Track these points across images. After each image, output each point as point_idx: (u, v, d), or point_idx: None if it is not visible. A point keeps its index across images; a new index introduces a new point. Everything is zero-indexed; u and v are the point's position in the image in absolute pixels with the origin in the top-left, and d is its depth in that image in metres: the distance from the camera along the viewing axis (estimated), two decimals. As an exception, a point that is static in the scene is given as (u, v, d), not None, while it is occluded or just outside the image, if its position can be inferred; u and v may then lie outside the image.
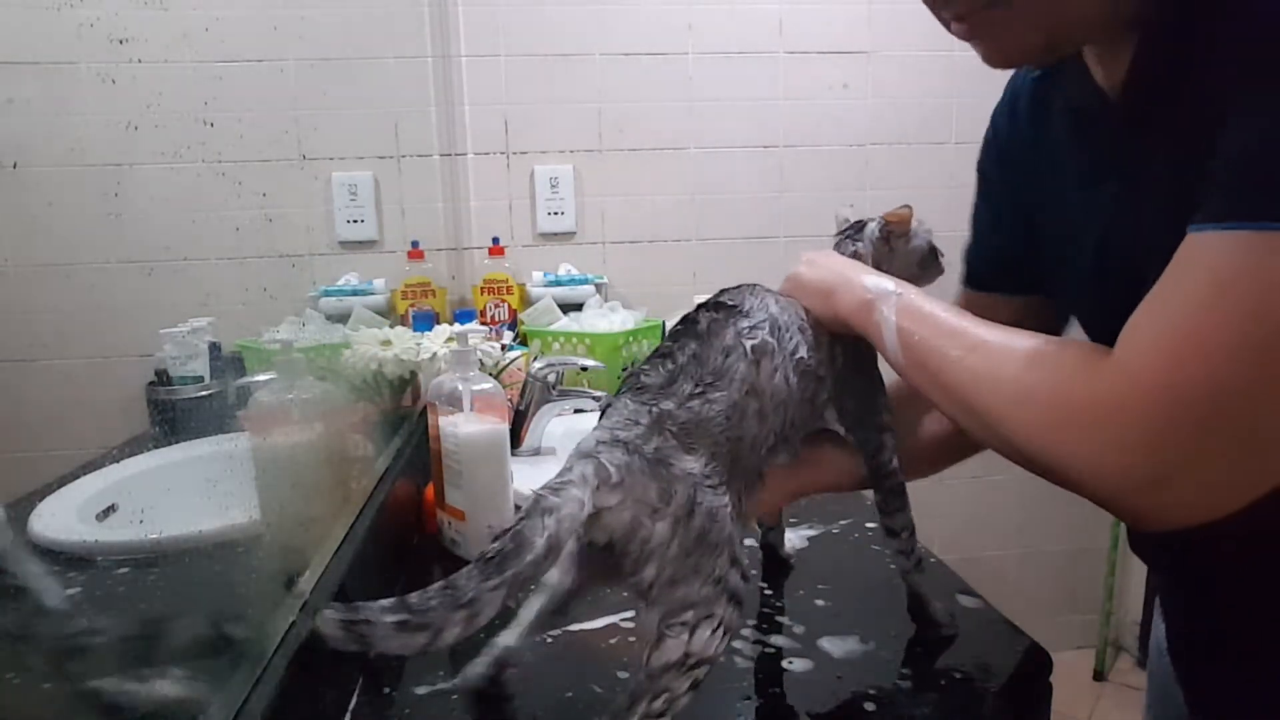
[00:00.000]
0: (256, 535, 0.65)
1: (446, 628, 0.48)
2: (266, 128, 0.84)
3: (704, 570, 0.55)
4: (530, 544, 0.50)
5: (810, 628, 0.74)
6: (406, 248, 1.57)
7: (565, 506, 0.51)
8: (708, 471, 0.57)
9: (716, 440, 0.58)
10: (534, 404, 1.20)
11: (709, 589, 0.55)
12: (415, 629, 0.47)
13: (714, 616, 0.55)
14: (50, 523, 0.50)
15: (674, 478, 0.55)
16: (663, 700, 0.54)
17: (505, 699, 0.64)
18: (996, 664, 0.68)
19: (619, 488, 0.53)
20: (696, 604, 0.54)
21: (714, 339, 0.62)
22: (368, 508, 0.83)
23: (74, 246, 0.52)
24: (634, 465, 0.54)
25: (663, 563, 0.53)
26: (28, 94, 0.48)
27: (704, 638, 0.54)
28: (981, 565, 2.11)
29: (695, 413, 0.58)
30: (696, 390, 0.59)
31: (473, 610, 0.48)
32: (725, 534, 0.56)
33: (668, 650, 0.54)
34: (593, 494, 0.52)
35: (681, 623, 0.54)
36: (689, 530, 0.54)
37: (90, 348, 0.56)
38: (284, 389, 0.72)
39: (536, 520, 0.51)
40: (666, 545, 0.54)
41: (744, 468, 0.60)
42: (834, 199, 1.99)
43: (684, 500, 0.55)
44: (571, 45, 1.81)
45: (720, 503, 0.57)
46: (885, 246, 0.78)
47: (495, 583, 0.49)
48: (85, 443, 0.55)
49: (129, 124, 0.54)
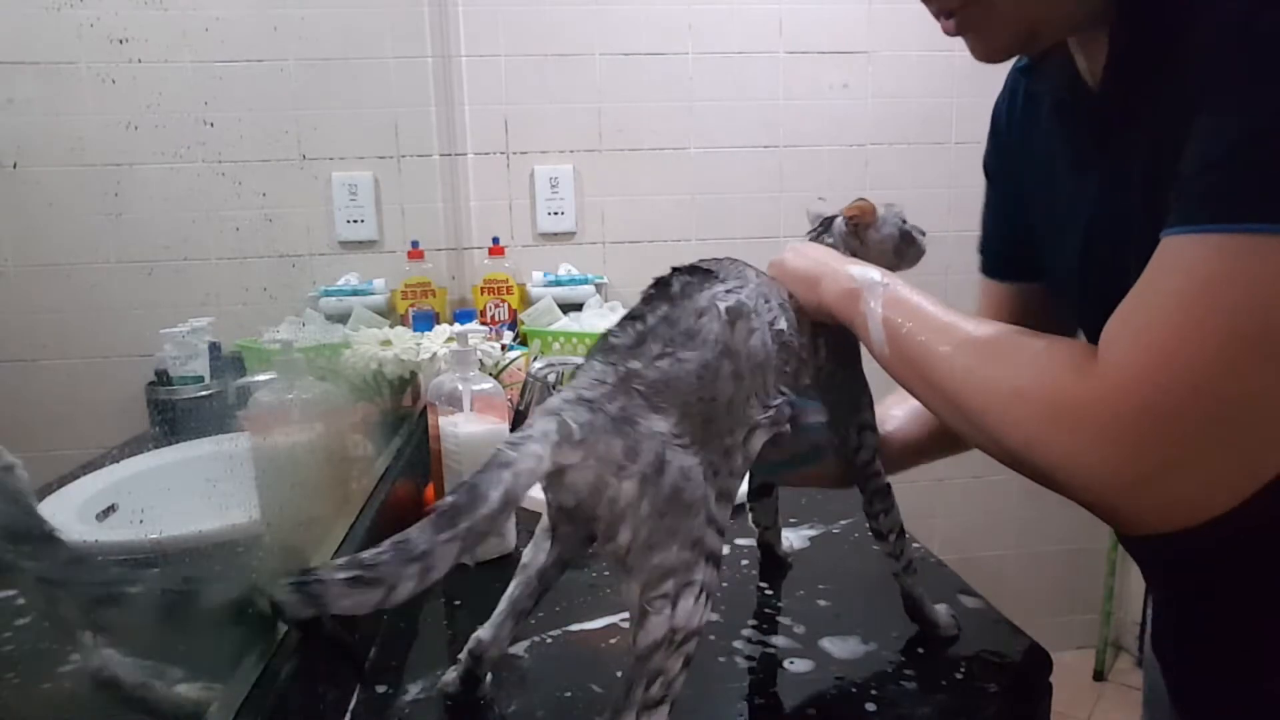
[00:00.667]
0: (256, 535, 0.65)
1: (400, 583, 0.46)
2: (266, 128, 0.84)
3: (680, 532, 0.53)
4: (485, 497, 0.48)
5: (811, 628, 0.74)
6: (406, 248, 1.57)
7: (522, 461, 0.50)
8: (677, 431, 0.55)
9: (687, 400, 0.56)
10: (534, 404, 1.20)
11: (687, 553, 0.53)
12: (367, 584, 0.45)
13: (694, 583, 0.53)
14: (50, 523, 0.50)
15: (640, 435, 0.53)
16: (659, 684, 0.53)
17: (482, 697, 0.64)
18: (996, 664, 0.68)
19: (581, 445, 0.51)
20: (676, 569, 0.53)
21: (686, 300, 0.60)
22: (368, 508, 0.83)
23: (74, 246, 0.52)
24: (597, 423, 0.52)
25: (636, 524, 0.52)
26: (28, 94, 0.48)
27: (687, 608, 0.53)
28: (981, 565, 2.11)
29: (664, 372, 0.56)
30: (666, 350, 0.57)
31: (426, 564, 0.47)
32: (699, 493, 0.54)
33: (652, 628, 0.52)
34: (553, 449, 0.51)
35: (663, 595, 0.53)
36: (659, 488, 0.53)
37: (90, 348, 0.56)
38: (284, 389, 0.72)
39: (492, 474, 0.49)
40: (636, 505, 0.52)
41: (719, 429, 0.58)
42: (834, 199, 1.99)
43: (651, 458, 0.53)
44: (571, 45, 1.81)
45: (691, 461, 0.55)
46: (855, 240, 0.76)
47: (448, 535, 0.47)
48: (85, 443, 0.55)
49: (129, 124, 0.54)
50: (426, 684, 0.67)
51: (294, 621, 0.53)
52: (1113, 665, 2.20)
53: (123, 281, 0.57)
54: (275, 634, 0.57)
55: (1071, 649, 2.19)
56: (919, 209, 0.83)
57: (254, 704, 0.50)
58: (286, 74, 0.89)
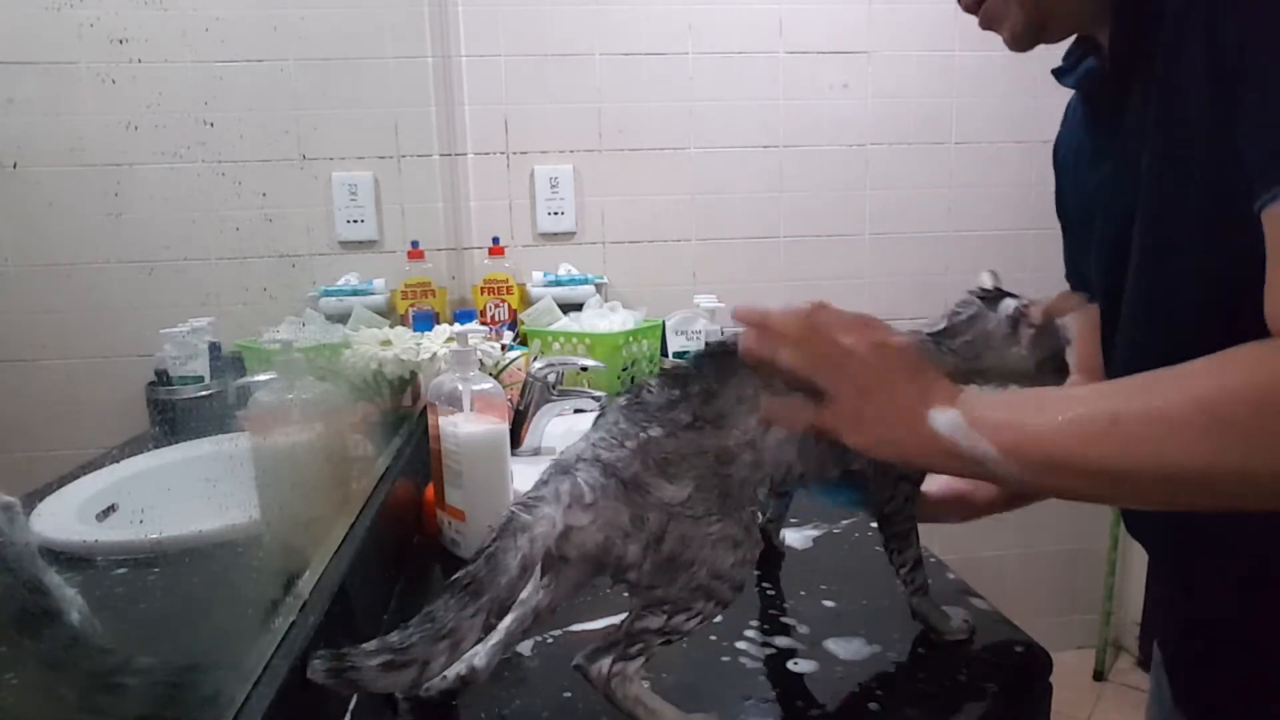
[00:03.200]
0: (256, 535, 0.64)
1: (432, 659, 0.50)
2: (266, 128, 0.84)
3: (679, 581, 0.57)
4: (504, 566, 0.51)
5: (814, 628, 0.74)
6: (406, 248, 1.57)
7: (538, 525, 0.53)
8: (690, 500, 0.57)
9: (702, 473, 0.58)
10: (534, 404, 1.20)
11: (685, 593, 0.58)
12: (401, 667, 0.49)
13: (691, 610, 0.58)
14: (50, 523, 0.50)
15: (649, 504, 0.56)
16: (637, 648, 0.57)
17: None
18: (996, 664, 0.68)
19: (591, 508, 0.55)
20: (674, 600, 0.57)
21: (733, 381, 0.60)
22: (368, 508, 0.83)
23: (74, 246, 0.52)
24: (609, 489, 0.56)
25: (639, 574, 0.57)
26: (28, 94, 0.48)
27: (680, 619, 0.58)
28: (981, 565, 2.11)
29: (682, 443, 0.58)
30: (693, 424, 0.59)
31: (454, 639, 0.50)
32: (701, 554, 0.57)
33: (648, 621, 0.58)
34: (564, 513, 0.54)
35: (662, 611, 0.58)
36: (659, 553, 0.57)
37: (90, 348, 0.56)
38: (284, 389, 0.72)
39: (509, 540, 0.52)
40: (640, 564, 0.57)
41: (736, 502, 0.60)
42: (834, 199, 2.00)
43: (656, 528, 0.56)
44: (571, 45, 1.81)
45: (698, 531, 0.57)
46: (1011, 330, 0.66)
47: (472, 610, 0.51)
48: (85, 443, 0.54)
49: (129, 124, 0.54)
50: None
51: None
52: (1113, 665, 2.20)
53: (123, 281, 0.57)
54: (275, 634, 0.57)
55: (1071, 649, 2.19)
56: (919, 209, 0.83)
57: (254, 703, 0.50)
58: (286, 74, 0.89)
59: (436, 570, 0.89)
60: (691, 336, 1.59)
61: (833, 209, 1.96)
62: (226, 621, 0.57)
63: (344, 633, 0.65)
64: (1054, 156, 0.81)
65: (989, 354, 0.67)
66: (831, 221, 1.96)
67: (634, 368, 1.60)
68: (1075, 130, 0.75)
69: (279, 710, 0.51)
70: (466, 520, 0.88)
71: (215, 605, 0.58)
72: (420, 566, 0.91)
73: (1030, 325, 0.66)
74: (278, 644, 0.56)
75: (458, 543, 0.89)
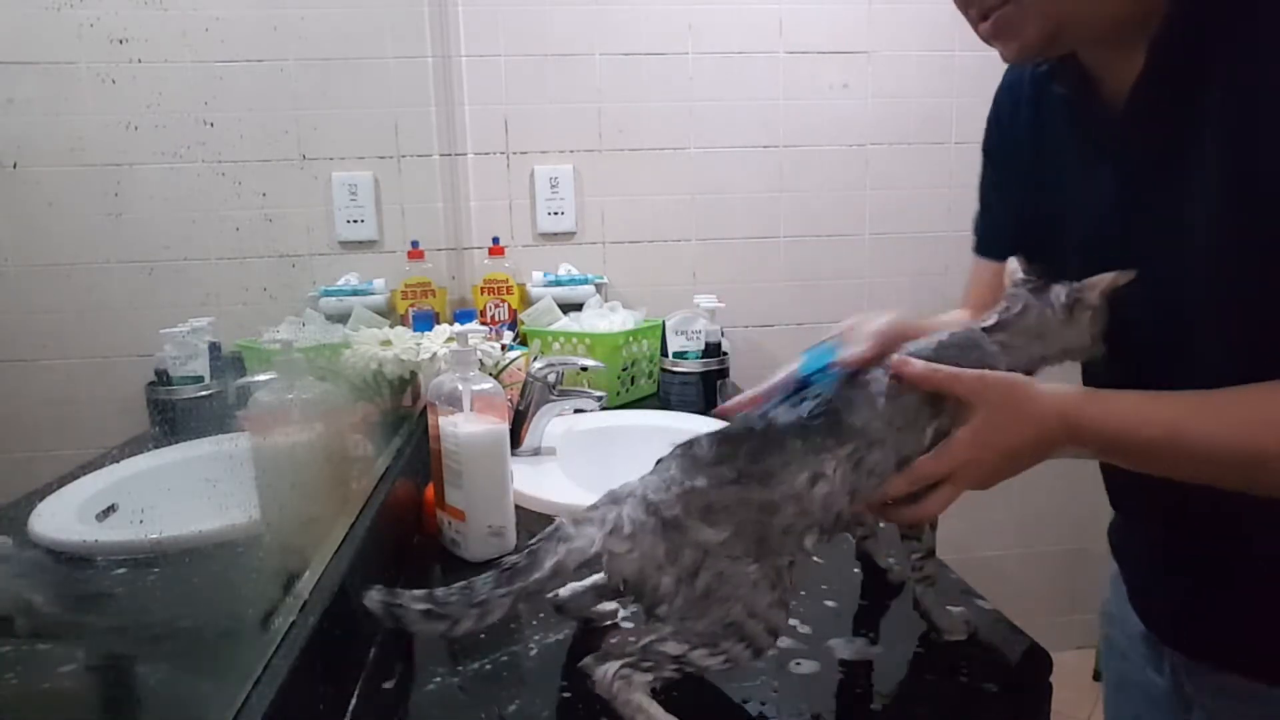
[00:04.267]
0: (256, 535, 0.64)
1: (462, 620, 0.58)
2: (266, 128, 0.84)
3: (712, 615, 0.59)
4: (540, 564, 0.59)
5: (817, 629, 0.74)
6: (406, 248, 1.57)
7: (578, 540, 0.60)
8: (727, 542, 0.60)
9: (743, 521, 0.60)
10: (534, 404, 1.20)
11: (717, 628, 0.59)
12: (437, 617, 0.58)
13: (717, 648, 0.59)
14: (50, 523, 0.50)
15: (685, 543, 0.59)
16: (648, 665, 0.58)
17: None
18: (996, 664, 0.68)
19: (629, 539, 0.59)
20: (702, 634, 0.59)
21: (782, 445, 0.62)
22: (368, 508, 0.83)
23: (74, 246, 0.52)
24: (648, 525, 0.60)
25: (671, 606, 0.59)
26: (28, 94, 0.48)
27: (701, 655, 0.59)
28: (981, 565, 2.11)
29: (724, 496, 0.60)
30: (736, 479, 0.61)
31: (484, 610, 0.58)
32: (739, 592, 0.59)
33: (668, 645, 0.58)
34: (604, 538, 0.60)
35: (686, 641, 0.59)
36: (693, 588, 0.59)
37: (90, 348, 0.56)
38: (284, 389, 0.72)
39: (551, 544, 0.60)
40: (674, 595, 0.59)
41: (772, 548, 0.61)
42: (834, 199, 2.00)
43: (690, 563, 0.59)
44: (571, 45, 1.81)
45: (734, 570, 0.59)
46: (1067, 315, 0.68)
47: (504, 591, 0.58)
48: (85, 443, 0.54)
49: (129, 124, 0.54)
50: (427, 683, 0.67)
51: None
52: (1113, 665, 2.20)
53: (123, 281, 0.57)
54: (275, 634, 0.57)
55: (1071, 649, 2.19)
56: (919, 209, 0.83)
57: (254, 703, 0.50)
58: (286, 74, 0.89)
59: (436, 570, 0.89)
60: (691, 336, 1.59)
61: (833, 209, 1.96)
62: (226, 621, 0.57)
63: (344, 633, 0.65)
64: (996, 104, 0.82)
65: (1048, 339, 0.69)
66: (831, 221, 1.96)
67: (634, 368, 1.60)
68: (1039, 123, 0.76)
69: (279, 710, 0.51)
70: (466, 520, 0.88)
71: (215, 605, 0.58)
72: (420, 566, 0.91)
73: (1088, 307, 0.68)
74: (278, 644, 0.56)
75: (458, 543, 0.89)
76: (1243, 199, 0.57)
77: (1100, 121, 0.68)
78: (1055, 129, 0.74)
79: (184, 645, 0.53)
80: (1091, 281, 0.67)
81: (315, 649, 0.58)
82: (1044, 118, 0.76)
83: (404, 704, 0.66)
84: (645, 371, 1.64)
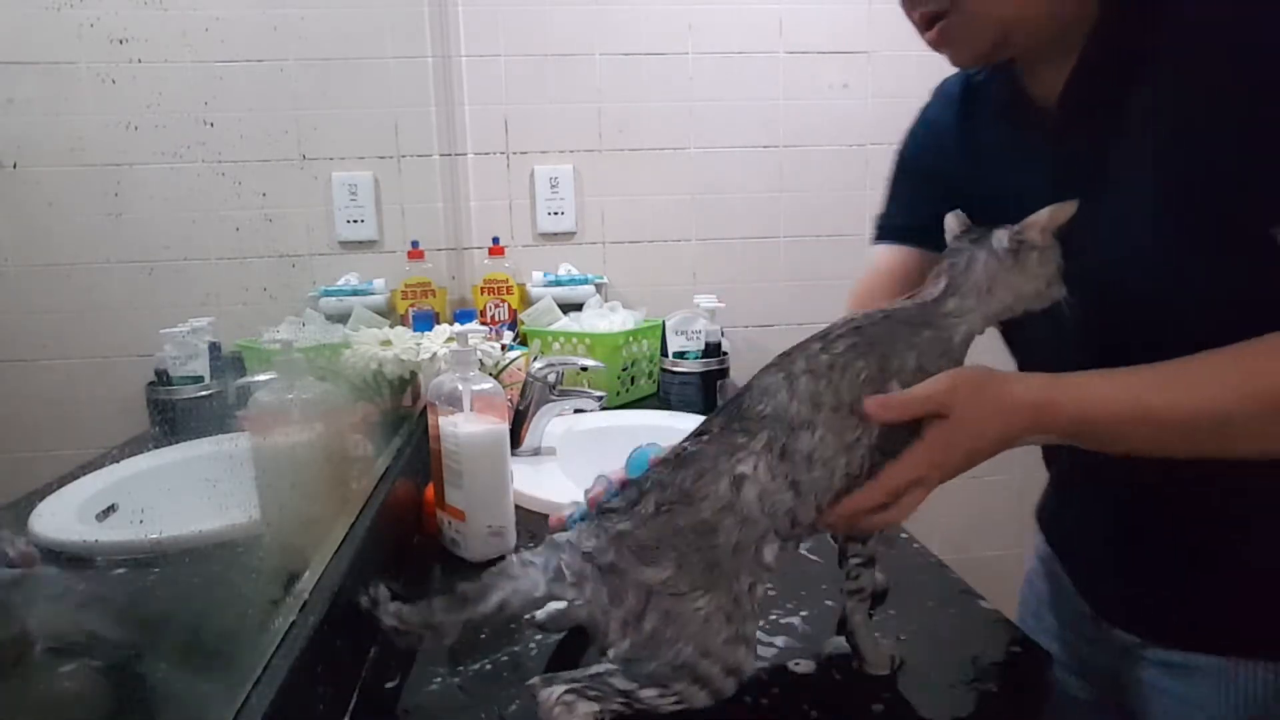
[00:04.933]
0: (256, 535, 0.64)
1: (424, 637, 0.62)
2: (266, 128, 0.84)
3: (661, 657, 0.58)
4: (486, 599, 0.60)
5: (816, 629, 0.74)
6: (406, 248, 1.57)
7: (523, 582, 0.61)
8: (672, 579, 0.59)
9: (683, 551, 0.59)
10: (534, 404, 1.20)
11: (667, 670, 0.58)
12: (402, 633, 0.61)
13: (668, 689, 0.58)
14: (50, 523, 0.50)
15: (626, 585, 0.59)
16: (595, 694, 0.58)
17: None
18: (996, 664, 0.68)
19: (574, 587, 0.60)
20: (651, 675, 0.58)
21: (690, 465, 0.61)
22: (368, 508, 0.83)
23: (74, 246, 0.52)
24: (587, 572, 0.60)
25: (621, 651, 0.59)
26: (28, 94, 0.48)
27: (651, 694, 0.58)
28: (981, 565, 2.10)
29: (652, 529, 0.60)
30: (657, 512, 0.60)
31: (439, 633, 0.61)
32: (688, 630, 0.58)
33: (617, 679, 0.59)
34: (548, 583, 0.61)
35: (634, 680, 0.58)
36: (640, 630, 0.58)
37: (90, 348, 0.56)
38: (284, 389, 0.72)
39: (500, 580, 0.61)
40: (621, 638, 0.59)
41: (725, 572, 0.59)
42: (834, 199, 2.00)
43: (634, 605, 0.59)
44: (571, 45, 1.81)
45: (682, 608, 0.58)
46: (1013, 260, 0.65)
47: (455, 617, 0.60)
48: (85, 443, 0.54)
49: (129, 124, 0.54)
50: (427, 684, 0.67)
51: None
52: (1113, 665, 2.19)
53: (123, 281, 0.57)
54: (275, 634, 0.57)
55: (1071, 649, 2.19)
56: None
57: (254, 703, 0.50)
58: (286, 74, 0.89)
59: (436, 570, 0.89)
60: (691, 336, 1.59)
61: (833, 209, 1.96)
62: (226, 621, 0.57)
63: (344, 633, 0.65)
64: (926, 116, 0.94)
65: (998, 289, 0.65)
66: (831, 221, 1.96)
67: (634, 368, 1.60)
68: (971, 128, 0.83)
69: (279, 710, 0.51)
70: (466, 520, 0.88)
71: (215, 605, 0.58)
72: (420, 566, 0.91)
73: (1033, 248, 0.65)
74: (278, 644, 0.56)
75: (458, 543, 0.89)
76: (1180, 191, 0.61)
77: (1034, 121, 0.72)
78: (986, 134, 0.80)
79: (184, 645, 0.53)
80: (1030, 220, 0.65)
81: (315, 649, 0.58)
82: (975, 124, 0.82)
83: (404, 704, 0.66)
84: (645, 371, 1.64)
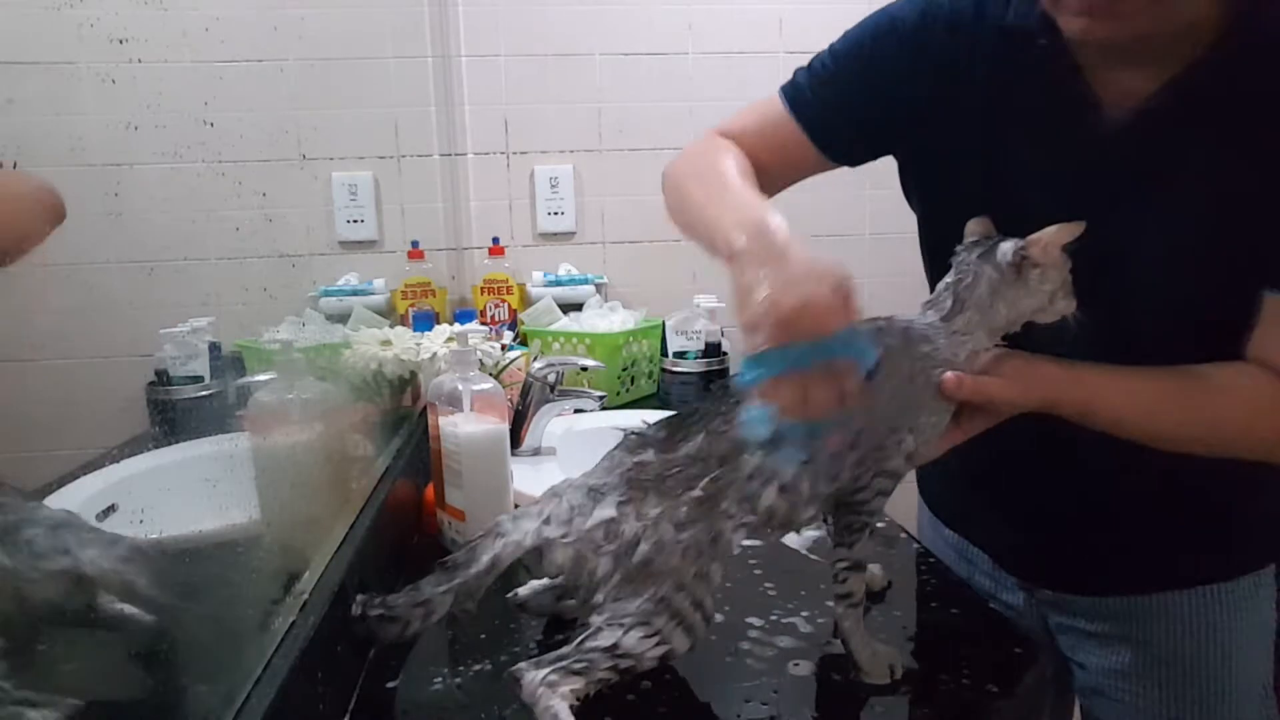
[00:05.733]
0: (256, 535, 0.64)
1: (411, 621, 0.61)
2: (266, 128, 0.84)
3: (643, 592, 0.59)
4: (478, 559, 0.61)
5: (816, 629, 0.74)
6: (406, 248, 1.57)
7: (514, 534, 0.61)
8: (675, 508, 0.61)
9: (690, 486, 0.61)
10: (534, 404, 1.20)
11: (649, 605, 0.59)
12: (390, 621, 0.61)
13: (650, 626, 0.59)
14: (50, 523, 0.50)
15: (626, 516, 0.60)
16: (581, 666, 0.58)
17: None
18: (997, 664, 0.68)
19: (566, 524, 0.61)
20: (635, 614, 0.59)
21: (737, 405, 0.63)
22: (368, 508, 0.83)
23: (74, 246, 0.52)
24: (586, 508, 0.61)
25: (608, 590, 0.60)
26: (28, 94, 0.48)
27: (635, 637, 0.58)
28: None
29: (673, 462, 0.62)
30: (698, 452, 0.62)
31: (427, 609, 0.61)
32: (671, 565, 0.60)
33: (600, 637, 0.59)
34: (540, 526, 0.61)
35: (619, 624, 0.59)
36: (630, 561, 0.59)
37: (90, 348, 0.56)
38: (284, 389, 0.72)
39: (489, 540, 0.62)
40: (610, 576, 0.60)
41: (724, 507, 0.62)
42: (834, 199, 1.99)
43: (630, 538, 0.60)
44: (571, 45, 1.81)
45: (674, 537, 0.60)
46: (1015, 275, 0.65)
47: (444, 588, 0.60)
48: (85, 443, 0.54)
49: (129, 124, 0.54)
50: (427, 684, 0.67)
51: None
52: (1113, 665, 2.19)
53: (123, 281, 0.57)
54: (275, 634, 0.57)
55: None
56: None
57: (254, 703, 0.50)
58: (286, 74, 0.89)
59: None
60: (691, 336, 1.59)
61: (832, 209, 1.96)
62: (226, 621, 0.57)
63: (344, 633, 0.65)
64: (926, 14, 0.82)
65: (999, 304, 0.65)
66: (831, 221, 1.96)
67: (634, 368, 1.60)
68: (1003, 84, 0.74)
69: (279, 710, 0.51)
70: (466, 520, 0.88)
71: (215, 605, 0.58)
72: (420, 566, 0.90)
73: (1035, 265, 0.64)
74: (278, 644, 0.56)
75: (458, 543, 0.89)
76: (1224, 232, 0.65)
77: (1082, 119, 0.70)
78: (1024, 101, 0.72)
79: (184, 645, 0.53)
80: (1035, 237, 0.64)
81: (315, 649, 0.58)
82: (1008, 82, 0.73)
83: (404, 704, 0.66)
84: (645, 371, 1.64)
